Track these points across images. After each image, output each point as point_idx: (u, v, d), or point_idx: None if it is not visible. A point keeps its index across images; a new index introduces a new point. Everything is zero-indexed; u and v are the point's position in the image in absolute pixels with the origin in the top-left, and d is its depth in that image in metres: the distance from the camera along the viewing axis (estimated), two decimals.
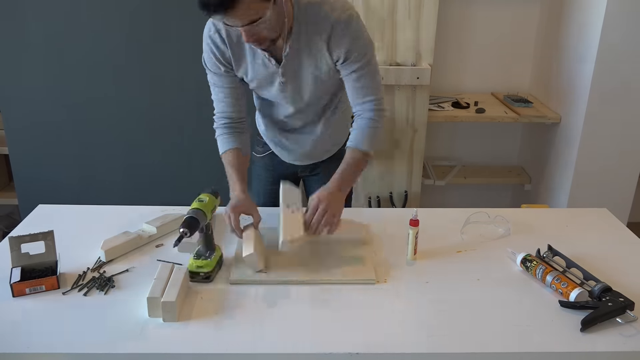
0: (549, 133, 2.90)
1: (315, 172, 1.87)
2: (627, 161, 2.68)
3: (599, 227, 1.70)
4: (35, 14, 2.46)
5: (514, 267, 1.47)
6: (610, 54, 2.46)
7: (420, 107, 2.69)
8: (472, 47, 3.08)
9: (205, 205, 1.40)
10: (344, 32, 1.47)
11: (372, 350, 1.16)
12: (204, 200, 1.42)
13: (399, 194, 2.87)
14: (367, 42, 1.53)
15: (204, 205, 1.40)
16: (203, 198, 1.43)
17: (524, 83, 3.18)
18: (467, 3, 2.98)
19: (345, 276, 1.40)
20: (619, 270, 1.44)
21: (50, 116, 2.62)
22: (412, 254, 1.48)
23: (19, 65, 2.54)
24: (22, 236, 1.36)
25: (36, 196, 2.59)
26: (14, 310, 1.27)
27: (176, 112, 2.62)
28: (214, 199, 1.47)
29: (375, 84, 1.58)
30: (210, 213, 1.41)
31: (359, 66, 1.52)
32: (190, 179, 2.69)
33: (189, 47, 1.75)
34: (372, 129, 1.57)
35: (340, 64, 1.53)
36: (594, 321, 1.22)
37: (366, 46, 1.53)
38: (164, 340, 1.18)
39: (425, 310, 1.29)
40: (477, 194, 3.36)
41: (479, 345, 1.18)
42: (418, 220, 1.45)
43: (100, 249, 1.47)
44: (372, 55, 1.56)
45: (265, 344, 1.18)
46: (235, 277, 1.39)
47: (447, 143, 3.27)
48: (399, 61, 2.65)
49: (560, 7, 2.79)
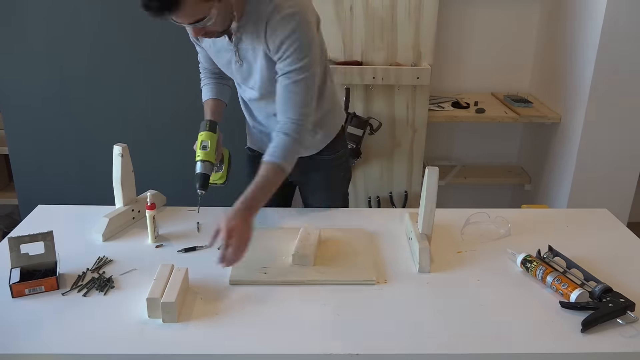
0: (549, 133, 2.90)
1: (305, 177, 1.82)
2: (627, 161, 2.68)
3: (599, 228, 1.70)
4: (35, 13, 2.46)
5: (514, 267, 1.46)
6: (610, 54, 2.46)
7: (420, 107, 2.69)
8: (472, 47, 3.08)
9: (209, 153, 1.48)
10: (280, 23, 1.41)
11: (372, 351, 1.16)
12: (207, 147, 1.46)
13: (399, 194, 2.87)
14: (306, 49, 1.44)
15: (208, 153, 1.47)
16: (205, 142, 1.46)
17: (524, 83, 3.18)
18: (467, 3, 2.98)
19: (345, 276, 1.40)
20: (620, 271, 1.44)
21: (50, 116, 2.61)
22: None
23: (19, 65, 2.53)
24: (21, 237, 1.35)
25: (36, 196, 2.59)
26: (14, 311, 1.26)
27: (177, 112, 2.61)
28: (214, 135, 1.50)
29: (306, 97, 1.49)
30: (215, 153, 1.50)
31: (291, 70, 1.45)
32: (190, 181, 2.68)
33: (190, 51, 1.76)
34: (289, 145, 1.48)
35: (276, 61, 1.47)
36: (594, 322, 1.22)
37: (304, 51, 1.44)
38: (163, 341, 1.18)
39: (425, 311, 1.29)
40: (477, 194, 3.36)
41: (479, 346, 1.18)
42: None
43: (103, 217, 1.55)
44: (310, 66, 1.46)
45: (265, 344, 1.18)
46: (235, 277, 1.39)
47: (447, 143, 3.27)
48: (399, 61, 2.65)
49: (560, 7, 2.79)
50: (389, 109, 2.69)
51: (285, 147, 1.47)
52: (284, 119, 1.50)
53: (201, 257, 1.50)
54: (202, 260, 1.48)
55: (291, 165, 1.49)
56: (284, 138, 1.48)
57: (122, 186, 1.62)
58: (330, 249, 1.52)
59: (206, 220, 1.67)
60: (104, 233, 1.56)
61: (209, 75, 1.75)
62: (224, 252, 1.32)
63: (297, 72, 1.46)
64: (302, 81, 1.47)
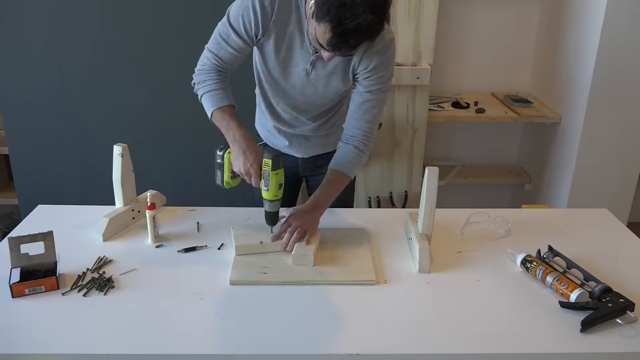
0: (549, 133, 2.90)
1: (315, 172, 1.87)
2: (627, 161, 2.68)
3: (599, 227, 1.70)
4: (35, 13, 2.46)
5: (514, 267, 1.46)
6: (610, 54, 2.46)
7: (420, 107, 2.69)
8: (472, 47, 3.08)
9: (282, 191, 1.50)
10: (381, 48, 1.49)
11: (372, 351, 1.16)
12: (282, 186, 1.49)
13: (399, 194, 2.87)
14: (392, 73, 1.57)
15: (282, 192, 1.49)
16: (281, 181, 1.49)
17: (524, 83, 3.18)
18: (467, 3, 2.98)
19: (345, 276, 1.40)
20: (619, 271, 1.44)
21: (50, 116, 2.61)
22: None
23: (19, 65, 2.53)
24: (21, 237, 1.35)
25: (36, 196, 2.59)
26: (14, 311, 1.26)
27: (177, 112, 2.61)
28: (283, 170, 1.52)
29: (378, 115, 1.60)
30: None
31: (376, 89, 1.54)
32: (190, 181, 2.69)
33: (190, 51, 1.75)
34: (358, 158, 1.60)
35: (362, 76, 1.53)
36: (593, 322, 1.22)
37: (390, 74, 1.56)
38: (163, 341, 1.18)
39: (425, 311, 1.29)
40: (477, 194, 3.36)
41: (479, 346, 1.18)
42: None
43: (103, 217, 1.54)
44: (390, 88, 1.59)
45: (265, 344, 1.18)
46: (235, 277, 1.39)
47: (447, 143, 3.27)
48: (399, 61, 2.65)
49: (560, 7, 2.79)
50: (389, 109, 2.69)
51: (352, 159, 1.59)
52: (354, 131, 1.59)
53: (201, 257, 1.50)
54: (202, 260, 1.48)
55: (355, 173, 1.65)
56: (353, 151, 1.59)
57: (122, 186, 1.62)
58: (331, 249, 1.52)
59: (206, 220, 1.68)
60: (104, 233, 1.56)
61: (217, 75, 1.54)
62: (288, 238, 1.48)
63: (379, 91, 1.55)
64: (381, 100, 1.57)
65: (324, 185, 1.59)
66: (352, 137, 1.60)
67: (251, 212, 1.73)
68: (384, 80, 1.54)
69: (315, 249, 1.48)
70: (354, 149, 1.59)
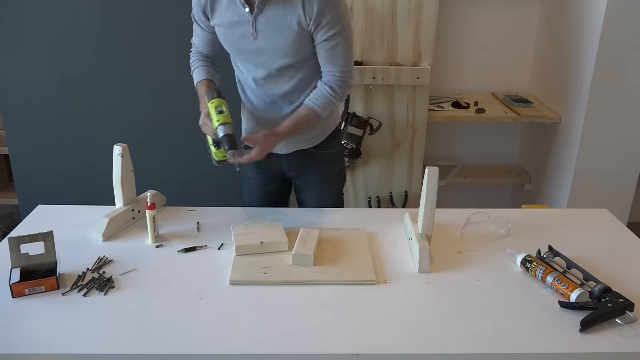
0: (549, 133, 2.90)
1: (301, 172, 1.86)
2: (627, 161, 2.68)
3: (599, 227, 1.70)
4: (36, 13, 2.46)
5: (514, 267, 1.46)
6: (610, 54, 2.46)
7: (420, 107, 2.69)
8: (472, 47, 3.08)
9: (226, 115, 1.51)
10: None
11: (372, 351, 1.16)
12: (223, 111, 1.51)
13: (399, 194, 2.87)
14: (344, 12, 1.57)
15: (226, 116, 1.50)
16: (220, 107, 1.51)
17: (524, 83, 3.18)
18: (467, 3, 2.98)
19: (345, 276, 1.40)
20: (619, 271, 1.44)
21: (50, 116, 2.62)
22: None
23: (20, 65, 2.53)
24: (21, 237, 1.36)
25: (36, 196, 2.59)
26: (14, 311, 1.26)
27: (177, 112, 2.61)
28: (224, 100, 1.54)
29: (345, 56, 1.62)
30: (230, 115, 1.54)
31: (332, 34, 1.56)
32: (190, 182, 2.69)
33: (190, 51, 1.76)
34: (330, 96, 1.64)
35: (314, 29, 1.55)
36: (593, 322, 1.22)
37: (341, 16, 1.56)
38: (163, 341, 1.18)
39: (425, 311, 1.29)
40: (477, 194, 3.36)
41: (479, 346, 1.18)
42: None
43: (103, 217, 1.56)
44: (346, 28, 1.59)
45: (265, 344, 1.18)
46: (235, 277, 1.39)
47: (447, 143, 3.27)
48: (399, 61, 2.65)
49: (560, 7, 2.79)
50: (389, 109, 2.69)
51: (325, 97, 1.64)
52: (329, 75, 1.64)
53: (201, 257, 1.50)
54: (202, 260, 1.48)
55: (325, 114, 1.68)
56: (327, 89, 1.64)
57: (122, 186, 1.62)
58: (330, 249, 1.52)
59: (206, 220, 1.68)
60: (104, 233, 1.56)
61: (201, 58, 1.78)
62: (240, 154, 1.53)
63: (338, 35, 1.57)
64: (344, 42, 1.60)
65: (291, 116, 1.65)
66: (327, 79, 1.65)
67: (251, 212, 1.73)
68: (337, 21, 1.55)
69: (316, 249, 1.48)
70: (328, 88, 1.64)
